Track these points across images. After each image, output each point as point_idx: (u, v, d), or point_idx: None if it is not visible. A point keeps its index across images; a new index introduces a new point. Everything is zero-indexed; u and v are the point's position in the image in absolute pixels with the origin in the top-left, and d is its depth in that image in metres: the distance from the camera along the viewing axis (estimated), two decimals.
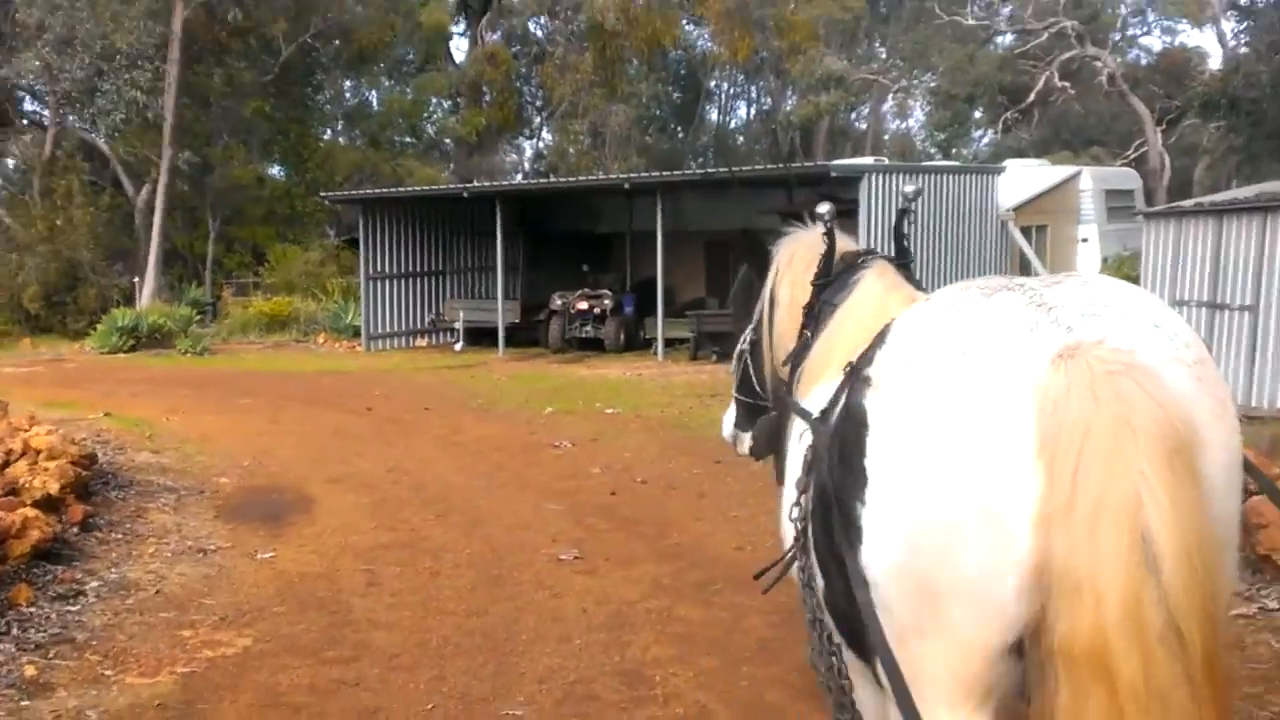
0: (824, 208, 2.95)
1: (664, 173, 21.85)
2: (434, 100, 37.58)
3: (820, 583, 2.34)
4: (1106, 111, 34.90)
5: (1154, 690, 1.58)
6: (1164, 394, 1.70)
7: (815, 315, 2.82)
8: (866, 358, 2.11)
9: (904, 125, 46.53)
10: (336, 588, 6.27)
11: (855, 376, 2.13)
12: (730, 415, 3.58)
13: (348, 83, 34.91)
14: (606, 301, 21.69)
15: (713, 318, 20.29)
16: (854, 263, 2.89)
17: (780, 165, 21.39)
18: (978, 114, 39.23)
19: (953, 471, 1.80)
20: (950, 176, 19.75)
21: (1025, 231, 20.32)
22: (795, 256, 3.11)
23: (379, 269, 22.90)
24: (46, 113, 26.59)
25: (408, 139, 37.18)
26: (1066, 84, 32.25)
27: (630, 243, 25.08)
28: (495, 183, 24.57)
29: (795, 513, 2.50)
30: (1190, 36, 45.58)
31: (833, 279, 2.87)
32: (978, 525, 1.76)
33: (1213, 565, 1.65)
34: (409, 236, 23.35)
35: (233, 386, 16.54)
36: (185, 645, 5.28)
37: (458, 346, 22.02)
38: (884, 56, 42.20)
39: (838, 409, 2.21)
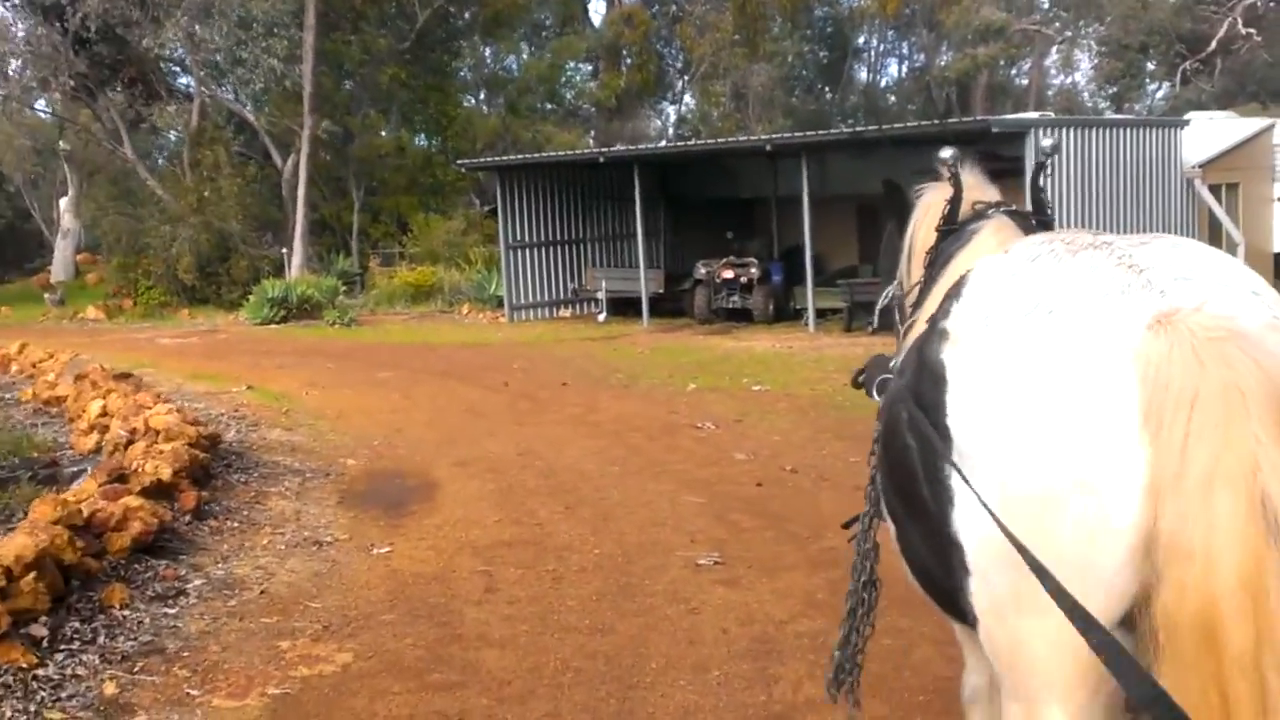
0: (947, 152, 2.89)
1: (809, 132, 20.64)
2: (572, 64, 37.14)
3: (892, 530, 2.36)
4: None
5: (1266, 656, 1.51)
6: (1270, 359, 1.66)
7: (933, 264, 2.75)
8: (944, 310, 2.06)
9: (1069, 80, 43.72)
10: (450, 593, 5.70)
11: (932, 329, 2.08)
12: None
13: (485, 49, 34.68)
14: (753, 270, 20.71)
15: (867, 286, 19.09)
16: (982, 213, 2.81)
17: (935, 121, 19.81)
18: (1151, 66, 36.64)
19: (1049, 440, 1.74)
20: (1128, 130, 17.98)
21: (1214, 190, 18.47)
22: (931, 206, 3.04)
23: (518, 238, 22.59)
24: (193, 84, 27.21)
25: (547, 105, 36.86)
26: (1252, 30, 29.44)
27: (775, 208, 24.03)
28: (632, 147, 23.80)
29: (871, 464, 2.50)
30: None
31: (956, 227, 2.79)
32: (1079, 496, 1.71)
33: None
34: (548, 204, 22.93)
35: (373, 359, 16.47)
36: (281, 660, 4.79)
37: (601, 317, 21.53)
38: (1046, 6, 39.59)
39: (914, 362, 2.15)
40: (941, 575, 2.08)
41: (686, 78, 37.65)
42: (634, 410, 11.19)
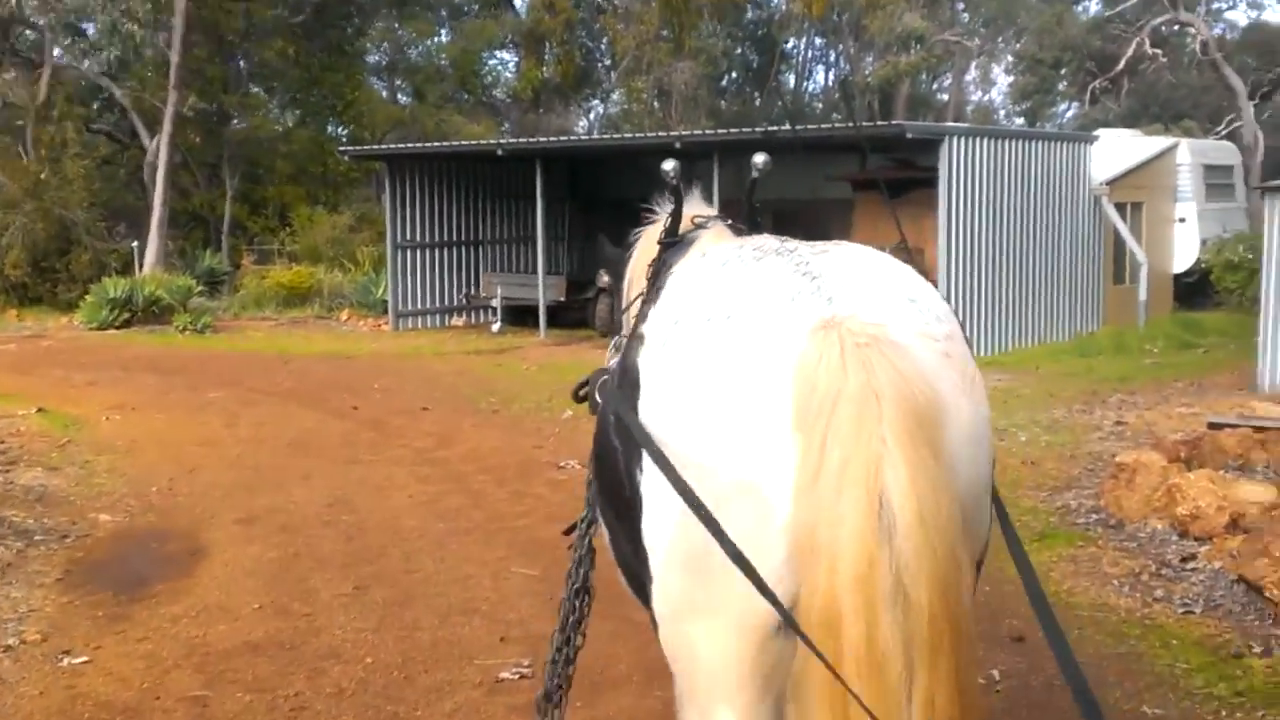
0: (669, 164, 2.94)
1: (720, 130, 19.39)
2: (489, 53, 35.55)
3: (606, 537, 2.42)
4: (1197, 84, 33.70)
5: (874, 653, 1.63)
6: (910, 367, 1.79)
7: (656, 275, 2.79)
8: (643, 314, 2.21)
9: (986, 96, 46.46)
10: None
11: (633, 333, 2.19)
12: None
13: (398, 29, 32.89)
14: None
15: None
16: (701, 225, 2.96)
17: (851, 124, 18.89)
18: (1063, 85, 38.37)
19: (716, 441, 1.84)
20: (1040, 144, 17.65)
21: (1119, 209, 18.45)
22: (649, 232, 3.18)
23: (408, 237, 20.99)
24: (46, 47, 24.94)
25: (463, 95, 35.18)
26: (1158, 51, 30.90)
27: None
28: (532, 139, 22.35)
29: (590, 470, 2.51)
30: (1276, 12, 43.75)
31: (677, 240, 2.90)
32: (741, 496, 1.80)
33: (949, 533, 1.70)
34: (443, 201, 21.36)
35: (212, 374, 14.76)
36: None
37: (495, 327, 20.03)
38: (966, 19, 41.27)
39: (619, 366, 2.25)
40: (640, 579, 2.12)
41: (614, 74, 36.36)
42: (494, 444, 9.74)
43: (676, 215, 2.96)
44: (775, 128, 17.44)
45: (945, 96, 42.92)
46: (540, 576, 5.94)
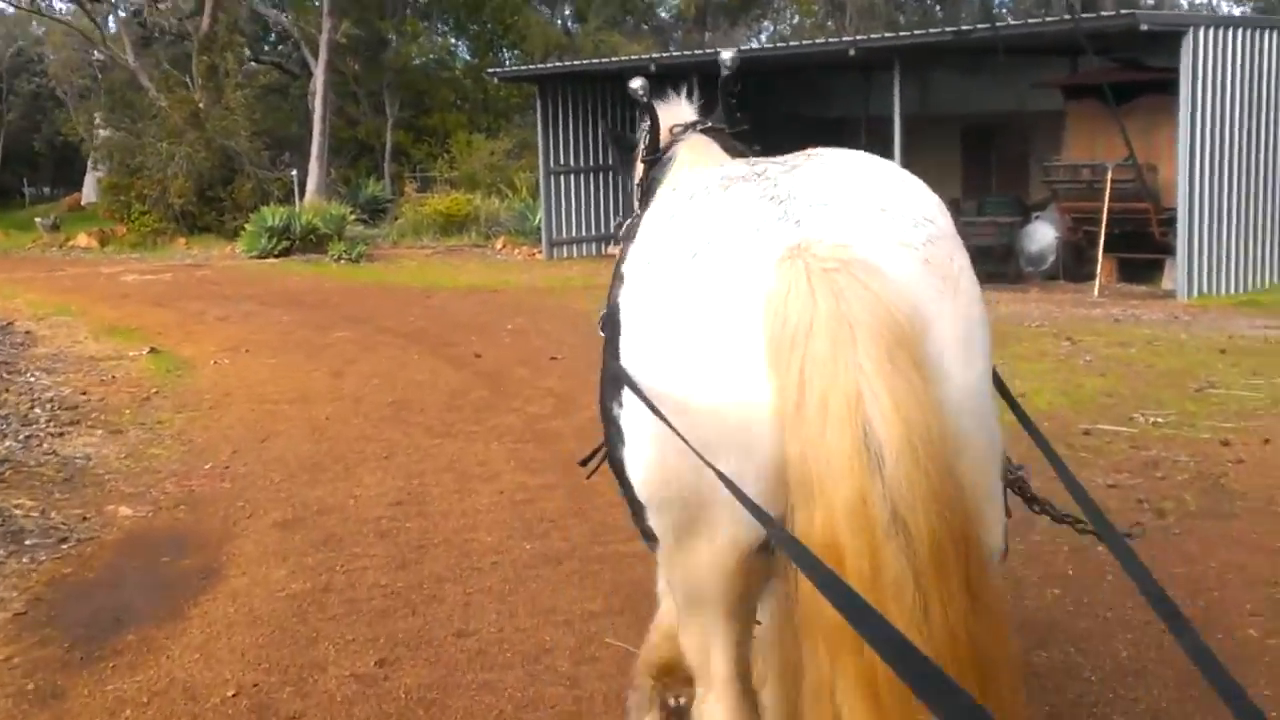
0: (636, 83, 2.81)
1: (903, 34, 16.30)
2: None
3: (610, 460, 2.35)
4: None
5: (883, 584, 1.54)
6: (882, 285, 1.65)
7: (645, 196, 2.70)
8: (623, 253, 2.11)
9: None
10: None
11: (615, 272, 2.12)
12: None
13: None
14: None
15: (969, 227, 15.07)
16: (678, 136, 2.78)
17: (1065, 17, 15.40)
18: None
19: (693, 380, 1.76)
20: None
21: None
22: (638, 151, 3.01)
23: (560, 161, 19.00)
24: None
25: (626, 18, 32.66)
26: None
27: (866, 130, 19.87)
28: (687, 53, 19.76)
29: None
30: None
31: (659, 156, 2.76)
32: (721, 432, 1.72)
33: (942, 452, 1.60)
34: (597, 123, 19.18)
35: (346, 309, 13.24)
36: None
37: None
38: None
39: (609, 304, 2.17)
40: (630, 503, 2.10)
41: None
42: None
43: (654, 130, 2.80)
44: (971, 28, 14.34)
45: None
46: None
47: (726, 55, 2.98)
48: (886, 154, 12.06)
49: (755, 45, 24.08)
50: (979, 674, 1.59)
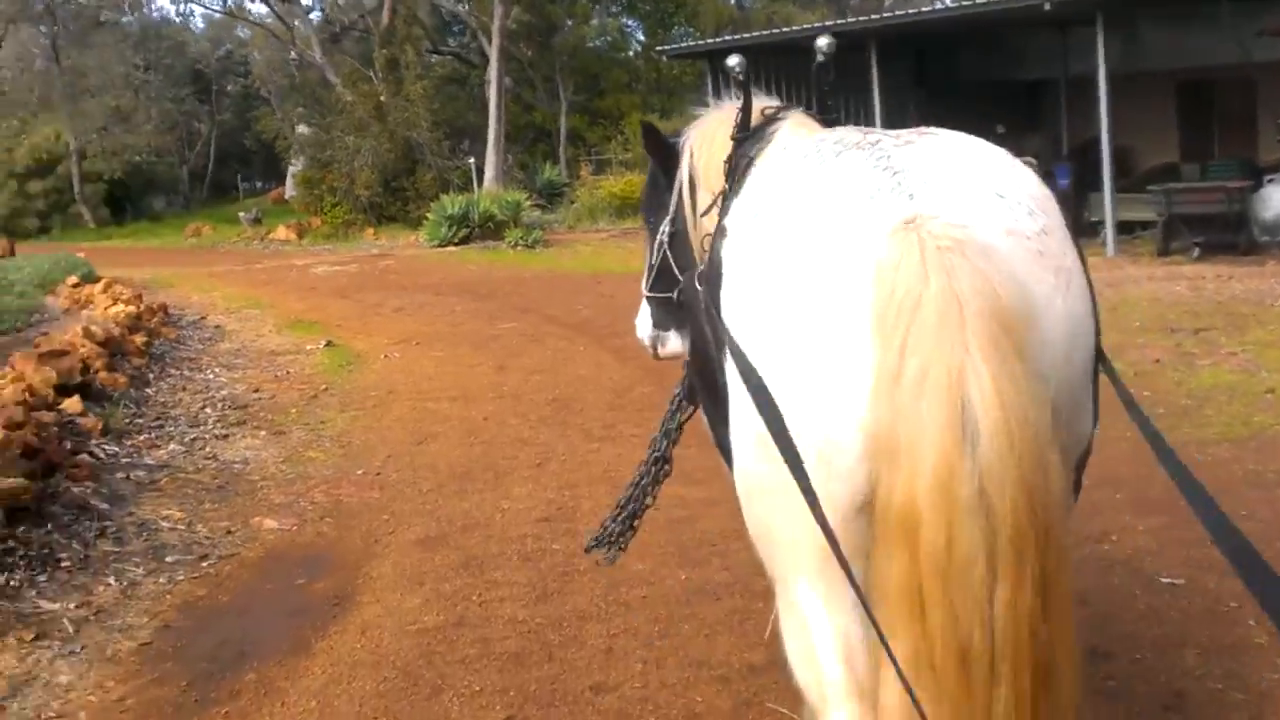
0: (734, 60, 2.77)
1: None
2: None
3: (705, 421, 2.36)
4: None
5: (955, 559, 1.54)
6: (995, 270, 1.63)
7: (734, 171, 2.57)
8: (726, 206, 2.08)
9: None
10: None
11: (718, 226, 2.09)
12: (644, 316, 3.27)
13: None
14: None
15: (1191, 193, 13.41)
16: (774, 117, 2.65)
17: None
18: None
19: (795, 339, 1.74)
20: None
21: None
22: (709, 129, 2.85)
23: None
24: None
25: None
26: None
27: (1066, 92, 18.12)
28: (863, 18, 18.49)
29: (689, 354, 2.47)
30: None
31: (751, 133, 2.61)
32: (821, 394, 1.71)
33: (1036, 441, 1.56)
34: (774, 95, 18.24)
35: (517, 299, 13.03)
36: None
37: None
38: None
39: (710, 257, 2.15)
40: (729, 460, 2.06)
41: None
42: None
43: (747, 109, 2.62)
44: None
45: None
46: None
47: (822, 41, 2.84)
48: (1091, 116, 10.55)
49: (940, 7, 22.43)
50: (1037, 673, 1.56)
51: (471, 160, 21.16)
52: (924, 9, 20.51)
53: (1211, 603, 3.80)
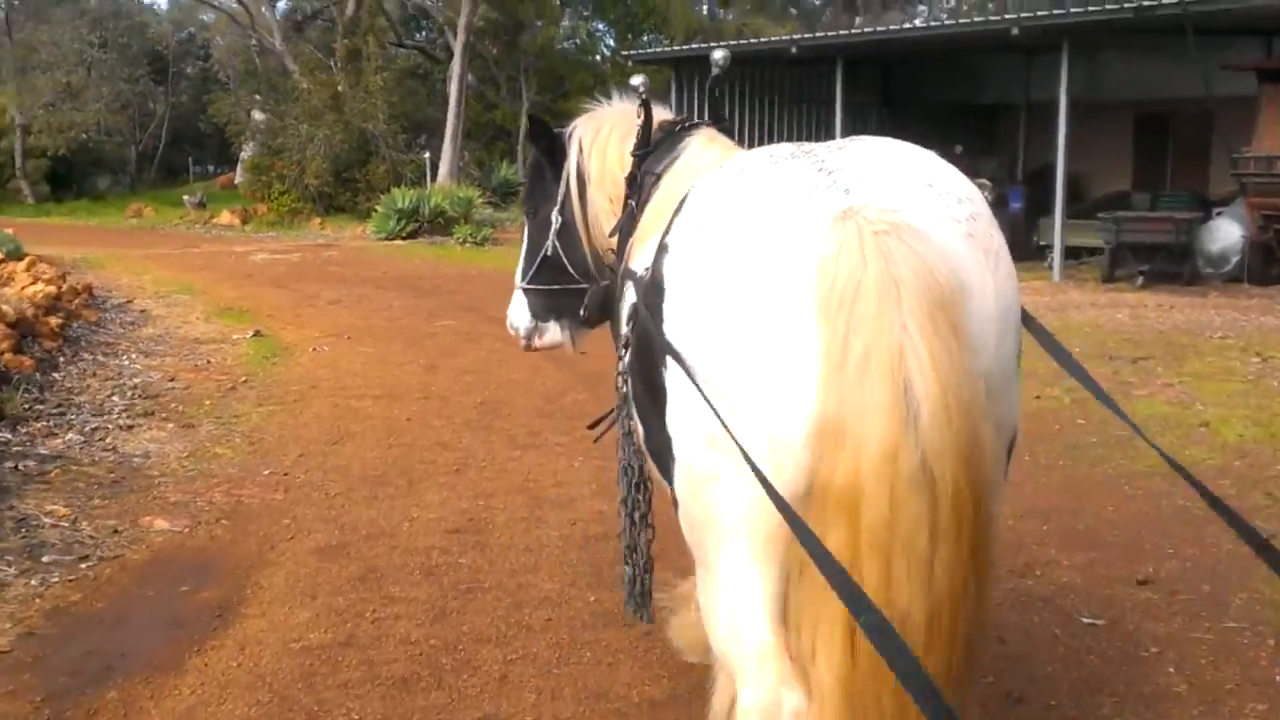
0: (638, 79, 2.89)
1: (1075, 10, 14.61)
2: None
3: (640, 431, 2.35)
4: None
5: (897, 531, 1.61)
6: (929, 250, 1.71)
7: (638, 185, 2.76)
8: (669, 226, 2.12)
9: None
10: None
11: (659, 244, 2.13)
12: (520, 307, 3.32)
13: None
14: (984, 194, 15.23)
15: (1140, 223, 13.48)
16: (673, 131, 2.82)
17: None
18: None
19: (743, 333, 1.80)
20: None
21: None
22: (603, 131, 2.99)
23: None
24: None
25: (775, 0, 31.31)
26: None
27: (1026, 118, 18.27)
28: (831, 34, 18.45)
29: (620, 366, 2.47)
30: None
31: (652, 148, 2.79)
32: (769, 384, 1.76)
33: (972, 414, 1.66)
34: (737, 108, 18.18)
35: (458, 296, 12.74)
36: None
37: None
38: None
39: (649, 274, 2.18)
40: (665, 461, 2.10)
41: None
42: None
43: (648, 125, 2.79)
44: (1153, 3, 12.63)
45: None
46: None
47: (718, 54, 2.97)
48: (1049, 142, 10.51)
49: (908, 26, 22.43)
50: (964, 633, 1.66)
51: (427, 155, 20.79)
52: (892, 27, 20.53)
53: (1132, 647, 3.63)
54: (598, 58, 25.84)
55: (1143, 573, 4.15)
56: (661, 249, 2.06)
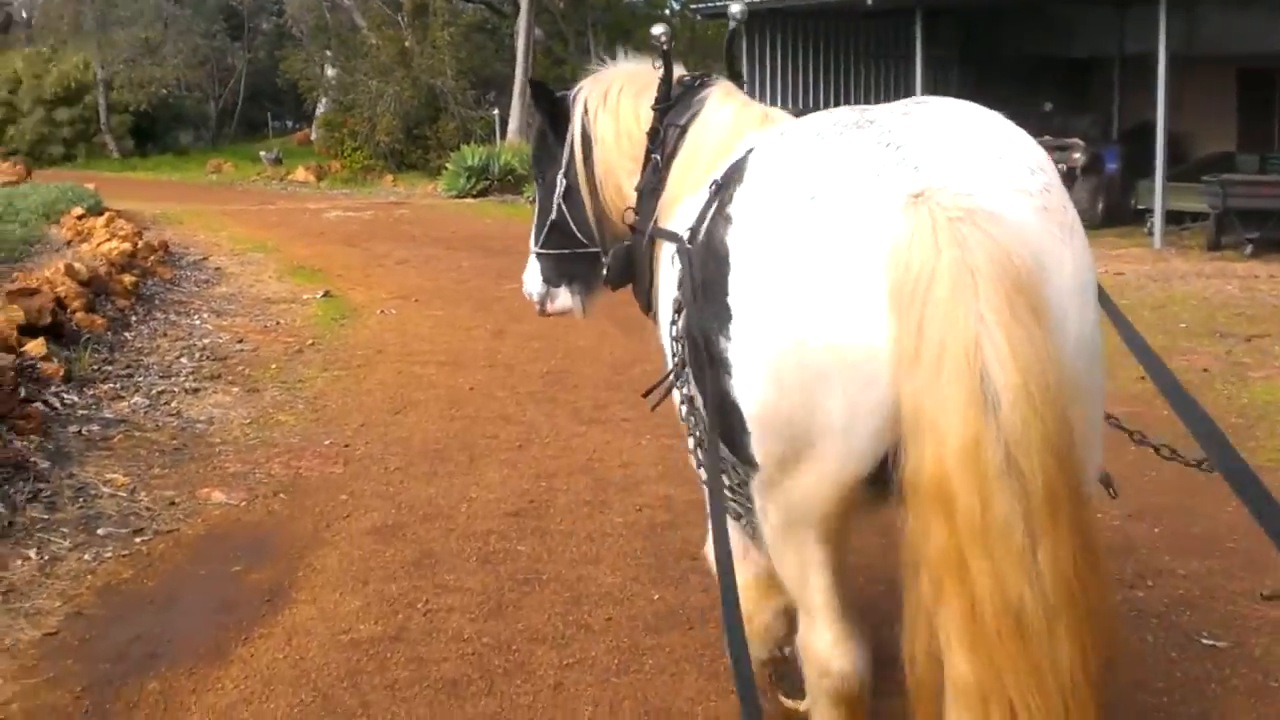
0: (659, 29, 2.81)
1: None
2: None
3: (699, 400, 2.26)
4: None
5: (991, 524, 1.58)
6: (1003, 233, 1.67)
7: (661, 140, 2.69)
8: (728, 195, 2.05)
9: None
10: None
11: (718, 211, 2.06)
12: (534, 272, 3.21)
13: None
14: (1076, 155, 14.55)
15: (1249, 186, 12.65)
16: (692, 85, 2.76)
17: None
18: None
19: (814, 321, 1.77)
20: None
21: None
22: (611, 91, 2.91)
23: (767, 103, 17.49)
24: None
25: None
26: None
27: (1120, 72, 17.29)
28: None
29: (674, 331, 2.30)
30: None
31: (674, 102, 2.72)
32: (839, 372, 1.76)
33: (1058, 399, 1.61)
34: (809, 64, 17.54)
35: (527, 255, 12.45)
36: None
37: None
38: None
39: (701, 236, 2.13)
40: (732, 430, 2.04)
41: None
42: None
43: (668, 77, 2.72)
44: None
45: None
46: None
47: (735, 8, 2.92)
48: (1146, 99, 9.73)
49: None
50: (1086, 618, 1.61)
51: (496, 112, 20.53)
52: None
53: (1260, 675, 3.25)
54: (666, 11, 25.20)
55: (1269, 586, 3.74)
56: (723, 217, 2.00)
